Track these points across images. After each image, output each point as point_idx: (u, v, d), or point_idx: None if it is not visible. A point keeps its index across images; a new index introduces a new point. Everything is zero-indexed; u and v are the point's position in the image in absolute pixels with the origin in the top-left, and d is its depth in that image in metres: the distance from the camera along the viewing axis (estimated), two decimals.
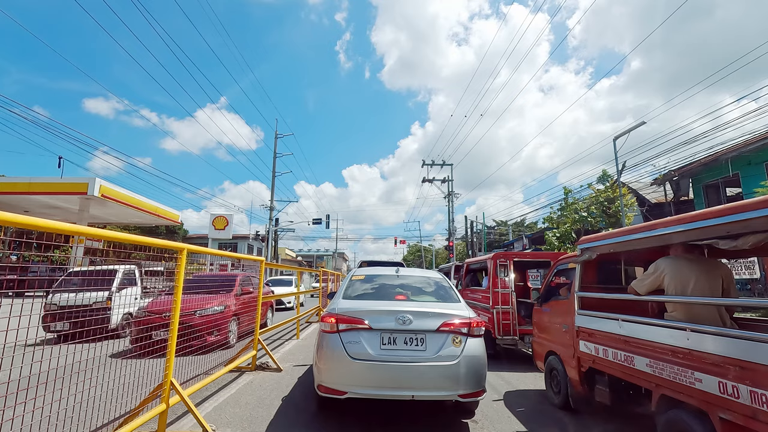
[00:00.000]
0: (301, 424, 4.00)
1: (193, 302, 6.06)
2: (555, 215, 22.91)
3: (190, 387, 4.08)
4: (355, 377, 3.59)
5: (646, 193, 20.43)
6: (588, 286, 4.29)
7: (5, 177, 17.27)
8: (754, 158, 13.13)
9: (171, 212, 19.06)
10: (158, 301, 6.63)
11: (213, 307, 7.18)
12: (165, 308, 5.85)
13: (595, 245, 4.01)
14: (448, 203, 29.04)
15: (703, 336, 2.65)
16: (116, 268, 8.32)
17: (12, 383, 2.25)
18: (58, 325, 6.03)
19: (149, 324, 5.70)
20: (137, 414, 3.36)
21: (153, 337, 5.33)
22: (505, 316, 7.05)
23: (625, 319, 3.44)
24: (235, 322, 7.82)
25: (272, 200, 29.56)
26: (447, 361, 3.59)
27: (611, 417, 4.19)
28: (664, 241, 3.15)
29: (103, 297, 7.39)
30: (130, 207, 15.39)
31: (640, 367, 3.19)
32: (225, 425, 3.91)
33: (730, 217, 2.47)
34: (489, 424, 4.06)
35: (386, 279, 4.73)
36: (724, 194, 15.17)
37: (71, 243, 12.06)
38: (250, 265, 16.85)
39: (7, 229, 2.21)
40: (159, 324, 5.56)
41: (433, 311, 3.87)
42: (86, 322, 3.19)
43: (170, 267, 8.76)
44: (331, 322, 3.77)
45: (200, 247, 4.61)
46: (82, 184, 13.22)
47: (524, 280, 8.29)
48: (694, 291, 3.15)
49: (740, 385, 2.32)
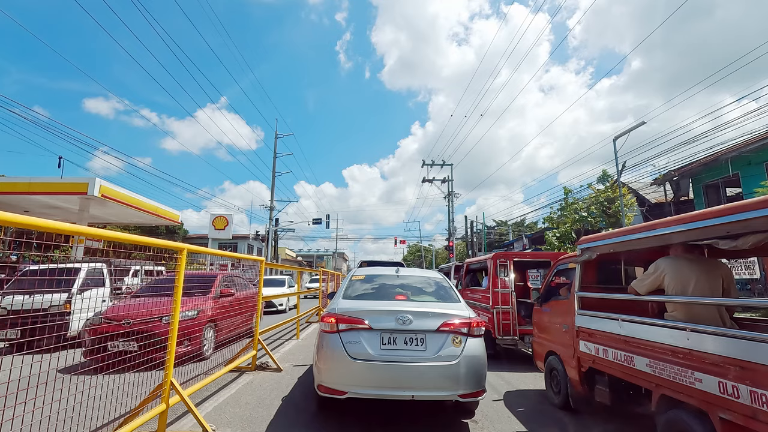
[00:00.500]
0: (301, 424, 4.00)
1: (159, 306, 5.31)
2: (555, 215, 22.91)
3: (190, 387, 4.08)
4: (355, 377, 3.59)
5: (646, 193, 20.43)
6: (588, 286, 4.29)
7: (5, 177, 17.25)
8: (754, 158, 13.13)
9: (171, 212, 19.05)
10: (120, 306, 5.91)
11: (183, 312, 6.04)
12: (125, 314, 5.47)
13: (595, 245, 4.01)
14: (448, 203, 29.06)
15: (703, 336, 2.65)
16: (79, 266, 7.39)
17: None
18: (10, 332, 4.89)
19: (105, 333, 5.15)
20: (137, 414, 3.36)
21: (109, 348, 4.81)
22: (505, 316, 7.05)
23: (625, 319, 3.44)
24: (212, 329, 6.78)
25: (272, 200, 29.57)
26: (447, 361, 3.59)
27: (611, 417, 4.19)
28: (664, 241, 3.15)
29: (60, 300, 6.53)
30: (130, 207, 15.38)
31: (640, 367, 3.19)
32: (225, 425, 3.91)
33: (730, 217, 2.47)
34: (489, 424, 4.06)
35: (386, 279, 4.73)
36: (724, 194, 15.17)
37: (71, 243, 12.06)
38: (250, 265, 16.78)
39: (7, 229, 2.21)
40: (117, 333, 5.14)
41: (433, 311, 3.87)
42: (39, 329, 2.81)
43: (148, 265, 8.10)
44: (331, 322, 3.77)
45: (200, 247, 4.61)
46: (82, 184, 13.21)
47: (524, 280, 8.29)
48: (694, 291, 3.15)
49: (740, 385, 2.32)
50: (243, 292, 8.54)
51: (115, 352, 4.58)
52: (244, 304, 8.07)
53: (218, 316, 6.91)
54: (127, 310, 5.62)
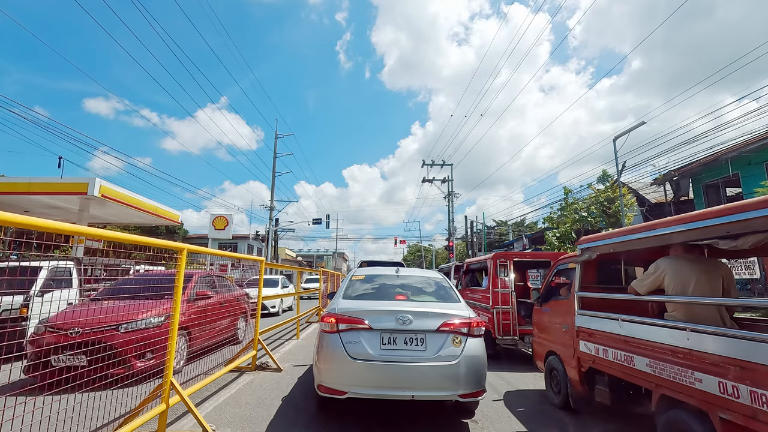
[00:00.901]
0: (301, 424, 4.00)
1: (116, 312, 4.56)
2: (555, 215, 22.91)
3: (190, 387, 4.08)
4: (355, 377, 3.59)
5: (646, 193, 20.42)
6: (588, 286, 4.29)
7: (5, 177, 17.24)
8: (754, 158, 13.13)
9: (171, 212, 19.03)
10: (71, 312, 5.03)
11: (148, 318, 5.09)
12: (76, 322, 4.63)
13: (595, 245, 4.01)
14: (448, 203, 29.05)
15: (703, 336, 2.65)
16: (39, 264, 6.47)
17: None
18: None
19: (50, 345, 4.42)
20: (137, 414, 3.36)
21: (53, 364, 4.17)
22: (505, 316, 7.05)
23: (625, 319, 3.44)
24: (184, 339, 5.73)
25: (272, 200, 29.56)
26: (447, 361, 3.59)
27: (611, 417, 4.19)
28: (664, 241, 3.15)
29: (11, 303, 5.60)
30: (130, 207, 15.37)
31: (640, 367, 3.19)
32: (225, 425, 3.91)
33: (730, 217, 2.47)
34: (489, 424, 4.06)
35: (386, 279, 4.73)
36: (724, 194, 15.17)
37: (71, 243, 12.06)
38: (251, 265, 16.75)
39: (7, 229, 2.21)
40: (63, 345, 4.37)
41: (433, 311, 3.87)
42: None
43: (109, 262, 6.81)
44: (331, 322, 3.77)
45: (200, 247, 4.61)
46: (82, 184, 13.20)
47: (524, 280, 8.29)
48: (694, 291, 3.15)
49: (740, 385, 2.32)
50: (226, 293, 7.72)
51: (59, 368, 3.78)
52: (226, 307, 7.21)
53: (192, 322, 5.93)
54: (81, 316, 4.75)
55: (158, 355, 4.80)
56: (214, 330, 6.64)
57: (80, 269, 7.03)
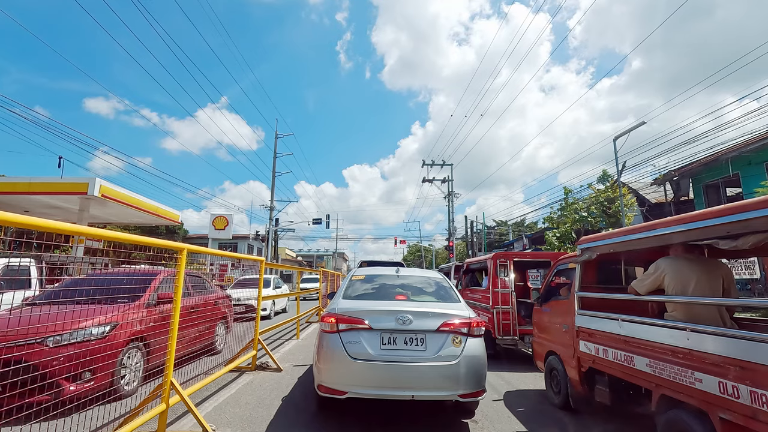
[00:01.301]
0: (301, 424, 4.00)
1: (48, 320, 3.46)
2: (555, 215, 22.91)
3: (190, 387, 4.08)
4: (355, 377, 3.59)
5: (646, 193, 20.42)
6: (588, 286, 4.29)
7: (5, 177, 17.25)
8: (754, 158, 13.13)
9: (171, 212, 19.02)
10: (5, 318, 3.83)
11: (87, 328, 4.03)
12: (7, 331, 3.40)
13: (595, 245, 4.01)
14: (448, 203, 29.06)
15: (703, 336, 2.65)
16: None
17: None
18: None
19: None
20: (137, 414, 3.36)
21: None
22: (505, 316, 7.06)
23: (625, 319, 3.44)
24: (139, 353, 4.71)
25: (272, 200, 29.58)
26: (447, 361, 3.59)
27: (611, 417, 4.19)
28: (664, 241, 3.15)
29: None
30: (130, 207, 15.37)
31: (640, 367, 3.19)
32: (225, 425, 3.92)
33: (730, 217, 2.47)
34: (489, 424, 4.06)
35: (386, 279, 4.73)
36: (724, 194, 15.17)
37: (71, 243, 12.06)
38: (251, 265, 16.76)
39: (7, 229, 2.21)
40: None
41: (433, 311, 3.87)
42: None
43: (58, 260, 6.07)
44: (331, 322, 3.77)
45: (200, 247, 4.61)
46: (82, 184, 13.20)
47: (524, 280, 8.29)
48: (694, 291, 3.15)
49: (740, 385, 2.32)
50: (203, 296, 6.58)
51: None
52: (199, 312, 5.93)
53: (151, 331, 4.83)
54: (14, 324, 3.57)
55: (101, 375, 3.96)
56: (183, 340, 5.12)
57: (41, 268, 5.98)
